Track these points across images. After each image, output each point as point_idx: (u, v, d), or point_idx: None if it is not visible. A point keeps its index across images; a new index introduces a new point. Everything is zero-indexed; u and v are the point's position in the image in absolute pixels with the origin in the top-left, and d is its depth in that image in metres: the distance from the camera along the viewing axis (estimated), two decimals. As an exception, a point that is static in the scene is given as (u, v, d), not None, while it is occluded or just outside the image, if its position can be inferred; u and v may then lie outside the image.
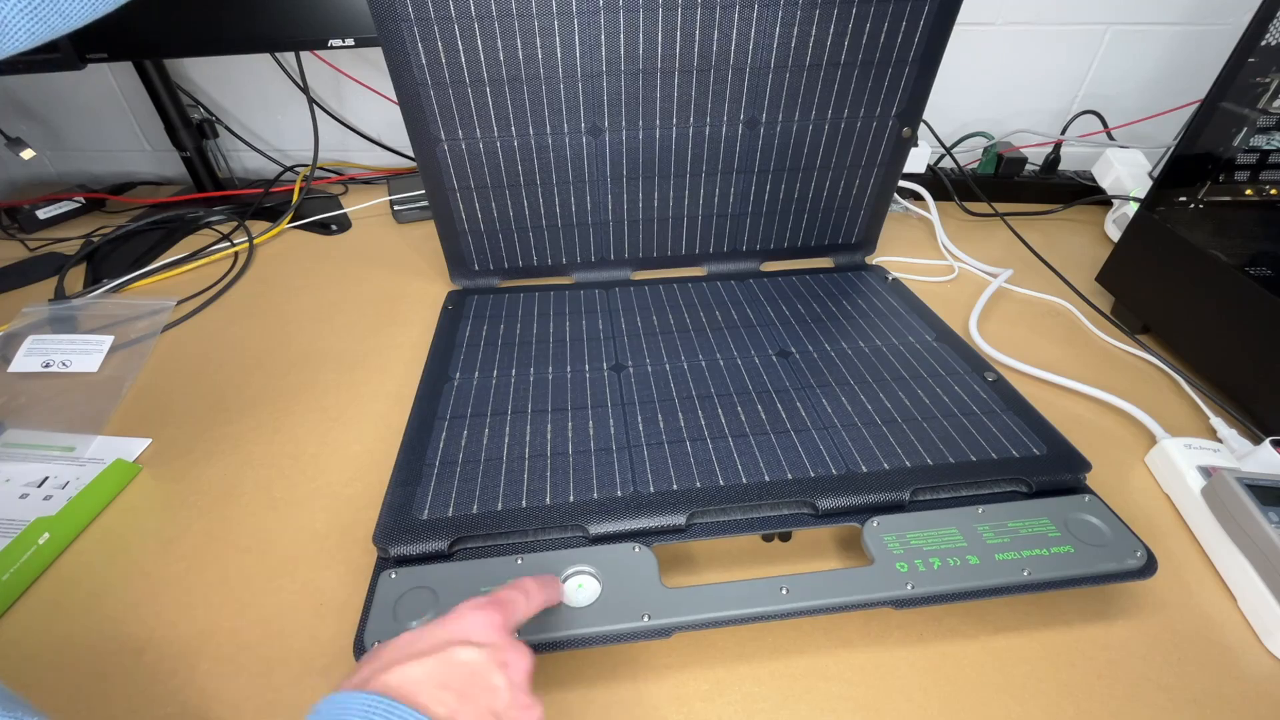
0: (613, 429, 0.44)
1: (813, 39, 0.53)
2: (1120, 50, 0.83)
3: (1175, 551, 0.40)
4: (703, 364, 0.51)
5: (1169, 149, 0.73)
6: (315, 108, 0.81)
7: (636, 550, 0.36)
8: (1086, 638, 0.35)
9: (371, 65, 0.83)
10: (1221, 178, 0.55)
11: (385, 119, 0.89)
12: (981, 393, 0.47)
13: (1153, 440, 0.46)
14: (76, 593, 0.37)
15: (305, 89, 0.80)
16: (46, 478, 0.43)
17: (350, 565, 0.38)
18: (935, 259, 0.71)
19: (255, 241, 0.73)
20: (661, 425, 0.44)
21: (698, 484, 0.39)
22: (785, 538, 0.39)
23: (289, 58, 0.81)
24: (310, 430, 0.48)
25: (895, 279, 0.64)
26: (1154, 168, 0.76)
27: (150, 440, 0.47)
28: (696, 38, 0.52)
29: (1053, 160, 0.83)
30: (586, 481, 0.40)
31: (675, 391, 0.48)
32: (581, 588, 0.34)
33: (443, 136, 0.54)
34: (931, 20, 0.53)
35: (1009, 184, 0.82)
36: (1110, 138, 0.85)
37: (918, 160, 0.79)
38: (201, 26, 0.66)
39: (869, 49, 0.54)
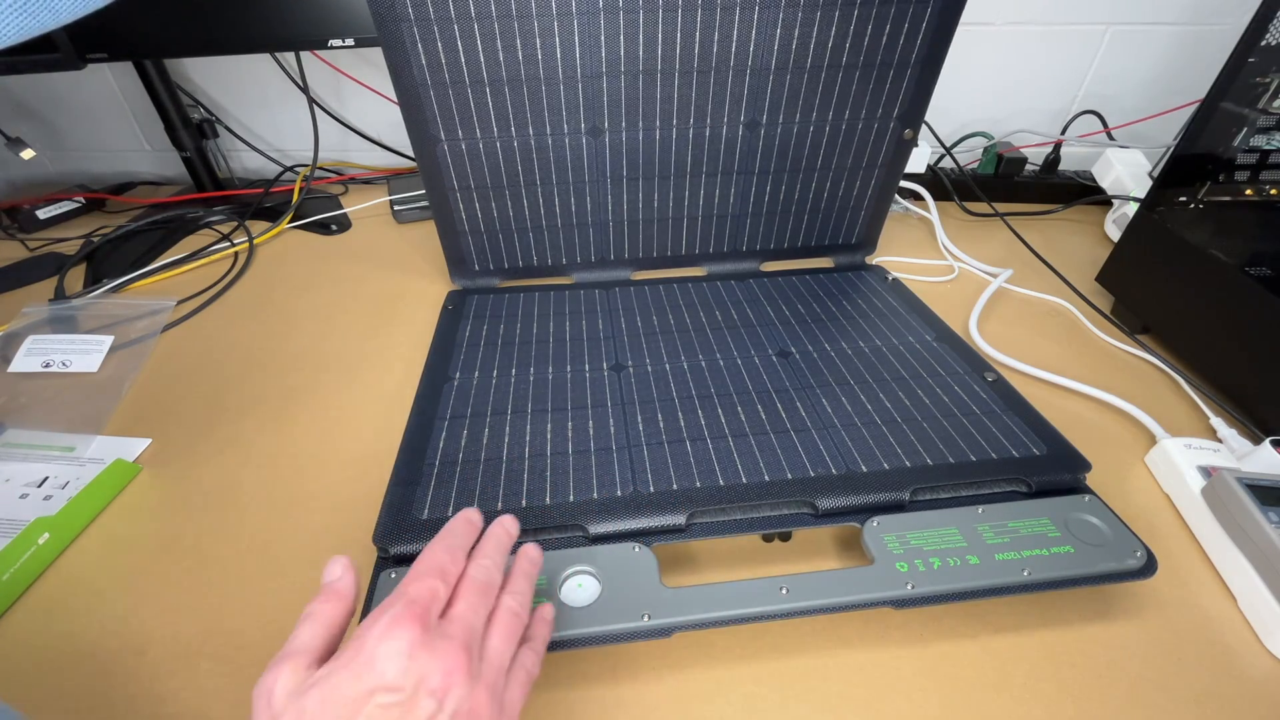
0: (612, 429, 0.44)
1: (814, 41, 0.53)
2: (1120, 50, 0.83)
3: (1175, 551, 0.40)
4: (703, 364, 0.51)
5: (1169, 149, 0.73)
6: (315, 108, 0.81)
7: (636, 550, 0.36)
8: (1086, 637, 0.35)
9: (371, 65, 0.83)
10: (1221, 178, 0.55)
11: (385, 119, 0.89)
12: (981, 393, 0.47)
13: (1153, 440, 0.46)
14: (76, 593, 0.37)
15: (305, 89, 0.80)
16: (46, 478, 0.43)
17: (350, 565, 0.38)
18: (935, 259, 0.71)
19: (255, 241, 0.73)
20: (661, 425, 0.44)
21: (698, 484, 0.39)
22: (785, 538, 0.39)
23: (289, 58, 0.81)
24: (310, 430, 0.48)
25: (895, 279, 0.64)
26: (1154, 168, 0.76)
27: (150, 440, 0.47)
28: (697, 39, 0.52)
29: (1053, 160, 0.83)
30: (586, 481, 0.40)
31: (675, 391, 0.48)
32: (581, 587, 0.34)
33: (443, 136, 0.54)
34: (934, 23, 0.53)
35: (1009, 184, 0.82)
36: (1110, 138, 0.84)
37: (918, 160, 0.79)
38: (201, 26, 0.66)
39: (870, 52, 0.54)
